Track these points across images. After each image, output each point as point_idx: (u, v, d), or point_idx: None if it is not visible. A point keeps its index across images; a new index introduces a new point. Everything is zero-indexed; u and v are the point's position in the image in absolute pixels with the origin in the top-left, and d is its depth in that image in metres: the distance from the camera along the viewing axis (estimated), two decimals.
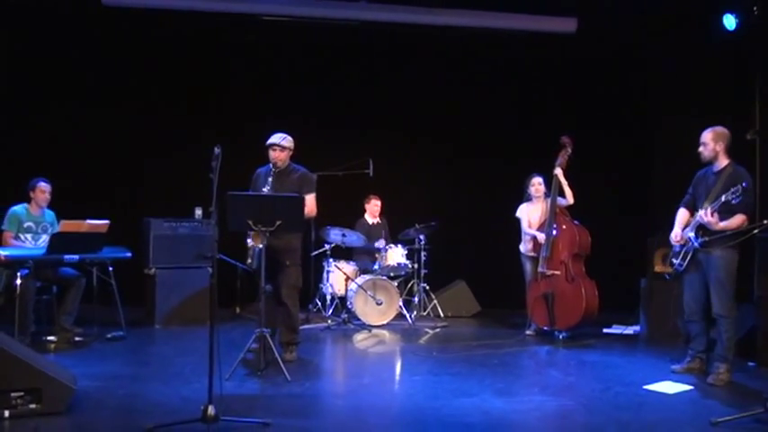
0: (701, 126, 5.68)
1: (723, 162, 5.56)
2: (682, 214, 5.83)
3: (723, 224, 5.35)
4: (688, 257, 5.64)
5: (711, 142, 5.55)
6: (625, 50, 9.28)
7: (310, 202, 6.06)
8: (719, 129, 5.59)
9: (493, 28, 9.23)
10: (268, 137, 6.12)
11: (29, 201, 6.81)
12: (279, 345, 5.63)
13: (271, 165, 6.12)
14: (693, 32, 8.32)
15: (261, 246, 5.61)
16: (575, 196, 7.39)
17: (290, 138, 6.15)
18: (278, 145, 6.06)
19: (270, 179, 6.08)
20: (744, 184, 5.15)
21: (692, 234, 5.54)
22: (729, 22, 7.53)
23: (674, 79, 8.91)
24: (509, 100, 9.64)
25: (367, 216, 8.93)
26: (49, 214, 6.93)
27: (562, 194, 7.40)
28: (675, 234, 5.74)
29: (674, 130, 8.74)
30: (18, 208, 6.74)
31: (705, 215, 5.34)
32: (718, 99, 7.80)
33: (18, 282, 6.17)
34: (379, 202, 8.90)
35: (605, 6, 8.59)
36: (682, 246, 5.69)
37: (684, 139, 5.78)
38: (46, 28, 8.64)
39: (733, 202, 5.20)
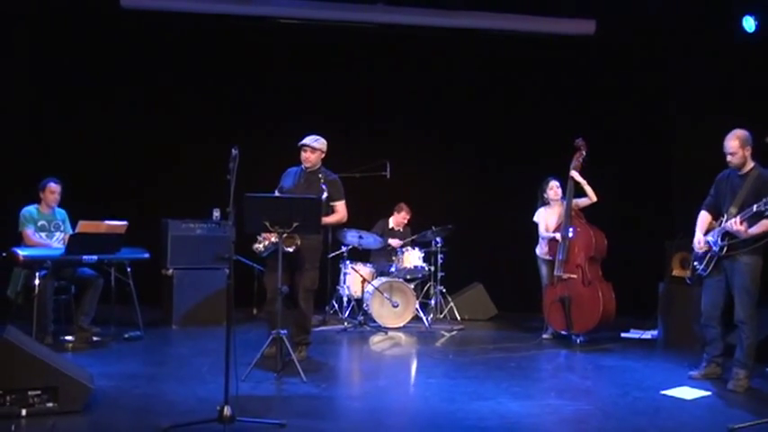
0: (720, 128, 5.57)
1: (749, 165, 5.42)
2: (703, 217, 5.70)
3: (752, 231, 5.23)
4: (712, 262, 5.52)
5: (740, 149, 5.37)
6: (644, 52, 9.22)
7: (342, 208, 6.16)
8: (742, 133, 5.41)
9: (511, 30, 9.23)
10: (300, 138, 6.14)
11: (39, 201, 6.84)
12: (290, 343, 5.64)
13: (302, 165, 6.14)
14: (713, 34, 8.26)
15: (290, 249, 5.64)
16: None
17: (322, 140, 6.17)
18: (308, 146, 6.08)
19: (299, 179, 6.11)
20: None
21: (711, 239, 5.46)
22: (749, 23, 7.48)
23: (693, 81, 8.83)
24: (526, 102, 9.61)
25: (392, 221, 8.87)
26: (60, 212, 6.96)
27: (583, 194, 7.36)
28: (698, 240, 5.61)
29: (693, 132, 8.69)
30: (30, 208, 6.78)
31: (735, 224, 5.21)
32: (737, 101, 7.74)
33: (36, 282, 6.22)
34: (408, 216, 8.82)
35: (624, 8, 8.56)
36: (705, 251, 5.57)
37: (703, 142, 5.71)
38: (65, 29, 8.72)
39: (767, 213, 5.05)
